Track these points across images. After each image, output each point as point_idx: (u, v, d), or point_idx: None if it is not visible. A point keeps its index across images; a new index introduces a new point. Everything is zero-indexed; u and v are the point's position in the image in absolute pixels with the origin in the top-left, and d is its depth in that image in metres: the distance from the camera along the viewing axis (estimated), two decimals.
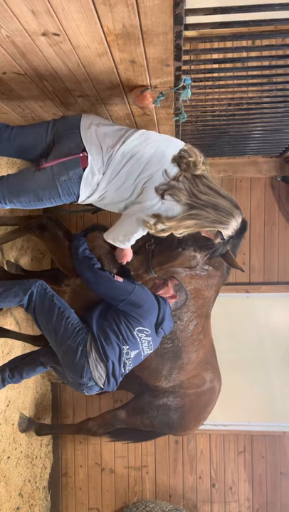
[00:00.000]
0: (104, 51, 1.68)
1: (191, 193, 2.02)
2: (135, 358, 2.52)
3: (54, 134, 2.18)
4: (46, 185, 2.12)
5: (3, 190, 2.18)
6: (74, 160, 2.06)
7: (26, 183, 2.16)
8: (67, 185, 2.11)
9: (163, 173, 2.03)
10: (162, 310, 2.50)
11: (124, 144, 2.08)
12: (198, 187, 2.02)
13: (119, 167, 2.08)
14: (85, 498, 4.11)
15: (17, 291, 2.44)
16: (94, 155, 2.07)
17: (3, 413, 3.25)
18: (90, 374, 2.41)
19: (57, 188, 2.12)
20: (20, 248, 3.55)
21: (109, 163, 2.08)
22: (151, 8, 1.40)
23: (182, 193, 2.01)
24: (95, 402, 4.11)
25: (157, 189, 2.03)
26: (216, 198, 2.04)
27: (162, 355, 3.09)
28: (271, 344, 4.05)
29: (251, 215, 3.99)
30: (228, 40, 1.83)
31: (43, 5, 1.39)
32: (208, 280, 3.10)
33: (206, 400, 3.33)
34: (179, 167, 2.04)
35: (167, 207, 2.04)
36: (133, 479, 4.07)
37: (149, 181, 2.06)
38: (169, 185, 2.02)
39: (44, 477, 3.96)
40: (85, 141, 2.08)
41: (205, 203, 2.02)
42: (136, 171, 2.07)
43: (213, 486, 4.03)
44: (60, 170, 2.08)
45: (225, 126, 2.82)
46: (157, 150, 2.08)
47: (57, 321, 2.42)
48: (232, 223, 2.10)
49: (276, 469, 4.01)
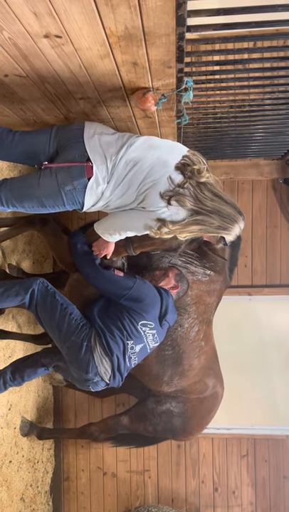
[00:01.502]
0: (106, 53, 1.68)
1: (197, 199, 2.04)
2: (140, 352, 2.52)
3: (57, 143, 2.19)
4: (51, 193, 2.13)
5: (6, 193, 2.18)
6: (79, 168, 2.08)
7: (31, 190, 2.17)
8: (72, 195, 2.13)
9: (168, 179, 2.04)
10: (165, 302, 2.50)
11: (127, 152, 2.10)
12: (204, 193, 2.04)
13: (122, 175, 2.10)
14: (87, 502, 4.08)
15: (18, 290, 2.43)
16: (98, 164, 2.09)
17: (5, 417, 3.23)
18: (95, 369, 2.40)
19: (61, 197, 2.14)
20: (22, 251, 3.55)
21: (113, 172, 2.10)
22: (154, 10, 1.39)
23: (188, 199, 2.03)
24: (96, 405, 4.09)
25: (163, 195, 2.04)
26: (221, 204, 2.06)
27: (163, 361, 3.08)
28: (274, 347, 4.03)
29: (253, 217, 3.98)
30: (230, 41, 1.83)
31: (45, 6, 1.38)
32: (209, 285, 3.09)
33: (209, 405, 3.31)
34: (183, 175, 2.05)
35: (172, 212, 2.05)
36: (135, 483, 4.04)
37: (151, 187, 2.07)
38: (175, 192, 2.03)
39: (46, 481, 3.93)
40: (89, 151, 2.10)
41: (210, 209, 2.04)
42: (138, 178, 2.09)
43: (216, 490, 4.00)
44: (64, 179, 2.09)
45: (226, 128, 2.82)
46: (160, 157, 2.09)
47: (60, 318, 2.42)
48: (235, 229, 2.12)
49: (279, 473, 3.98)
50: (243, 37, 1.81)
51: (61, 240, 2.81)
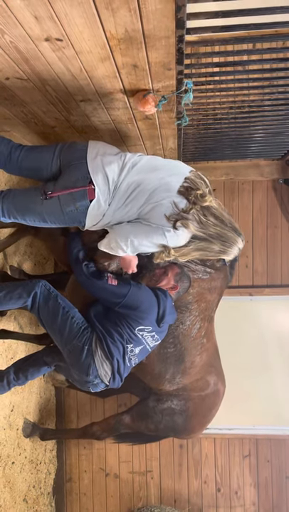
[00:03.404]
0: (106, 56, 1.69)
1: (200, 222, 2.10)
2: (140, 352, 2.54)
3: (60, 162, 2.23)
4: (53, 211, 2.18)
5: (8, 205, 2.22)
6: (81, 192, 2.12)
7: (33, 206, 2.21)
8: (73, 215, 2.18)
9: (172, 204, 2.08)
10: (162, 306, 2.49)
11: (129, 174, 2.14)
12: (207, 218, 2.10)
13: (124, 197, 2.14)
14: (89, 503, 4.09)
15: (20, 293, 2.45)
16: (101, 187, 2.12)
17: (8, 418, 3.24)
18: (96, 372, 2.42)
19: (63, 216, 2.19)
20: (23, 253, 3.56)
21: (114, 194, 2.14)
22: (154, 13, 1.41)
23: (192, 223, 2.08)
24: (98, 406, 4.10)
25: (169, 217, 2.08)
26: (223, 228, 2.13)
27: (165, 359, 3.08)
28: (275, 347, 4.04)
29: (253, 218, 3.99)
30: (229, 43, 1.84)
31: (46, 10, 1.40)
32: (210, 283, 3.09)
33: (211, 402, 3.31)
34: (187, 199, 2.09)
35: (177, 237, 2.10)
36: (138, 484, 4.05)
37: (154, 208, 2.12)
38: (180, 216, 2.08)
39: (48, 482, 3.94)
40: (92, 173, 2.13)
41: (213, 234, 2.12)
42: (140, 201, 2.13)
43: (219, 490, 4.00)
44: (67, 201, 2.14)
45: (226, 129, 2.83)
46: (162, 181, 2.13)
47: (62, 321, 2.43)
48: (234, 251, 2.21)
49: (282, 473, 3.98)
50: (243, 39, 1.82)
51: (58, 242, 2.83)
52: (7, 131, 2.79)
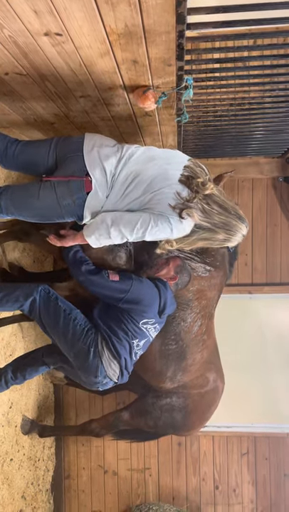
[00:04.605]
0: (106, 51, 1.68)
1: (204, 211, 2.08)
2: (144, 345, 2.55)
3: (56, 155, 2.20)
4: (49, 205, 2.15)
5: (6, 201, 2.19)
6: (78, 183, 2.09)
7: (30, 201, 2.18)
8: (70, 208, 2.14)
9: (175, 194, 2.06)
10: (163, 297, 2.50)
11: (127, 165, 2.11)
12: (211, 206, 2.08)
13: (122, 189, 2.11)
14: (87, 500, 4.09)
15: (18, 296, 2.43)
16: (98, 179, 2.09)
17: (6, 415, 3.24)
18: (104, 372, 2.42)
19: (60, 210, 2.15)
20: (22, 250, 3.55)
21: (112, 186, 2.11)
22: (154, 7, 1.39)
23: (197, 213, 2.06)
24: (97, 403, 4.10)
25: (174, 207, 2.06)
26: (227, 217, 2.11)
27: (166, 356, 3.08)
28: (274, 345, 4.04)
29: (253, 216, 3.98)
30: (230, 39, 1.83)
31: (45, 4, 1.38)
32: (210, 280, 3.09)
33: (210, 399, 3.31)
34: (189, 188, 2.07)
35: (182, 224, 2.08)
36: (136, 481, 4.05)
37: (157, 195, 2.08)
38: (185, 205, 2.06)
39: (47, 479, 3.94)
40: (88, 165, 2.10)
41: (218, 223, 2.10)
42: (139, 190, 2.10)
43: (217, 488, 4.01)
44: (63, 193, 2.10)
45: (226, 126, 2.82)
46: (160, 169, 2.11)
47: (64, 324, 2.41)
48: (238, 238, 2.19)
49: (280, 471, 3.99)
50: (243, 35, 1.81)
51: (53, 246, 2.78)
52: (6, 127, 2.78)
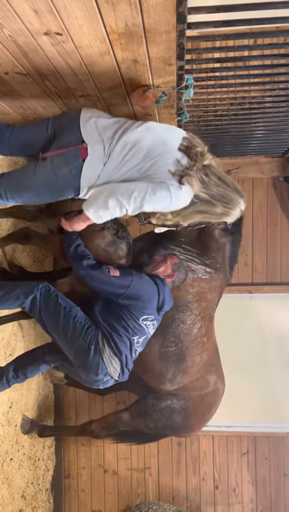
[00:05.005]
0: (106, 50, 1.68)
1: (203, 182, 2.03)
2: (143, 342, 2.55)
3: (54, 128, 2.17)
4: (47, 180, 2.11)
5: (4, 186, 2.17)
6: (74, 152, 2.04)
7: (27, 179, 2.15)
8: (67, 179, 2.08)
9: (175, 161, 2.01)
10: (162, 294, 2.50)
11: (125, 134, 2.05)
12: (209, 177, 2.03)
13: (121, 156, 2.04)
14: (87, 500, 4.09)
15: (18, 294, 2.43)
16: (94, 145, 2.04)
17: (6, 415, 3.24)
18: (105, 370, 2.41)
19: (57, 180, 2.10)
20: (22, 249, 3.55)
21: (110, 154, 2.05)
22: (154, 7, 1.39)
23: (196, 182, 2.01)
24: (97, 403, 4.09)
25: (174, 173, 2.00)
26: (225, 189, 2.06)
27: (166, 358, 3.08)
28: (274, 345, 4.03)
29: (253, 215, 3.98)
30: (230, 38, 1.83)
31: (45, 4, 1.38)
32: (210, 283, 3.10)
33: (210, 401, 3.31)
34: (188, 157, 2.03)
35: (181, 193, 2.01)
36: (136, 481, 4.05)
37: (157, 162, 2.02)
38: (185, 172, 2.00)
39: (47, 479, 3.94)
40: (84, 134, 2.06)
41: (215, 194, 2.05)
42: (139, 158, 2.03)
43: (217, 487, 4.01)
44: (59, 163, 2.06)
45: (227, 126, 2.82)
46: (158, 137, 2.05)
47: (64, 322, 2.41)
48: (237, 213, 2.14)
49: (280, 471, 3.98)
50: (244, 34, 1.81)
51: (55, 244, 2.78)
52: None
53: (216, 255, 3.03)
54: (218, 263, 3.07)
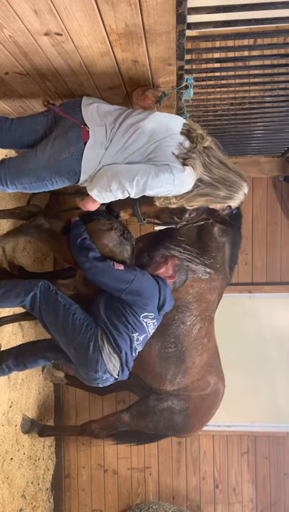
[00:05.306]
0: (106, 51, 1.68)
1: (205, 165, 2.04)
2: (143, 340, 2.55)
3: (54, 116, 2.14)
4: (47, 164, 2.08)
5: (4, 172, 2.15)
6: (75, 133, 2.02)
7: (27, 164, 2.13)
8: (68, 163, 2.06)
9: (178, 144, 2.01)
10: (163, 293, 2.51)
11: (128, 118, 2.04)
12: (211, 160, 2.04)
13: (123, 140, 2.03)
14: (87, 499, 4.09)
15: (18, 292, 2.44)
16: (96, 128, 2.03)
17: (6, 414, 3.24)
18: (104, 367, 2.42)
19: (58, 167, 2.08)
20: (22, 249, 3.55)
21: (112, 138, 2.04)
22: (154, 7, 1.39)
23: (199, 165, 2.02)
24: (97, 403, 4.10)
25: (178, 156, 2.00)
26: (227, 172, 2.08)
27: (166, 359, 3.08)
28: (274, 344, 4.04)
29: (253, 215, 3.98)
30: (230, 39, 1.83)
31: (45, 4, 1.38)
32: (210, 283, 3.09)
33: (210, 402, 3.31)
34: (189, 140, 2.03)
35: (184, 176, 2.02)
36: (136, 480, 4.06)
37: (161, 145, 2.02)
38: (188, 155, 2.00)
39: (47, 478, 3.95)
40: (86, 118, 2.04)
41: (217, 177, 2.06)
42: (142, 141, 2.02)
43: (217, 487, 4.01)
44: (61, 146, 2.04)
45: (227, 125, 2.82)
46: (161, 122, 2.05)
47: (64, 319, 2.42)
48: (240, 197, 2.15)
49: (280, 470, 3.99)
50: (244, 34, 1.81)
51: (61, 242, 2.76)
52: None
53: (215, 255, 3.03)
54: (217, 263, 3.07)
